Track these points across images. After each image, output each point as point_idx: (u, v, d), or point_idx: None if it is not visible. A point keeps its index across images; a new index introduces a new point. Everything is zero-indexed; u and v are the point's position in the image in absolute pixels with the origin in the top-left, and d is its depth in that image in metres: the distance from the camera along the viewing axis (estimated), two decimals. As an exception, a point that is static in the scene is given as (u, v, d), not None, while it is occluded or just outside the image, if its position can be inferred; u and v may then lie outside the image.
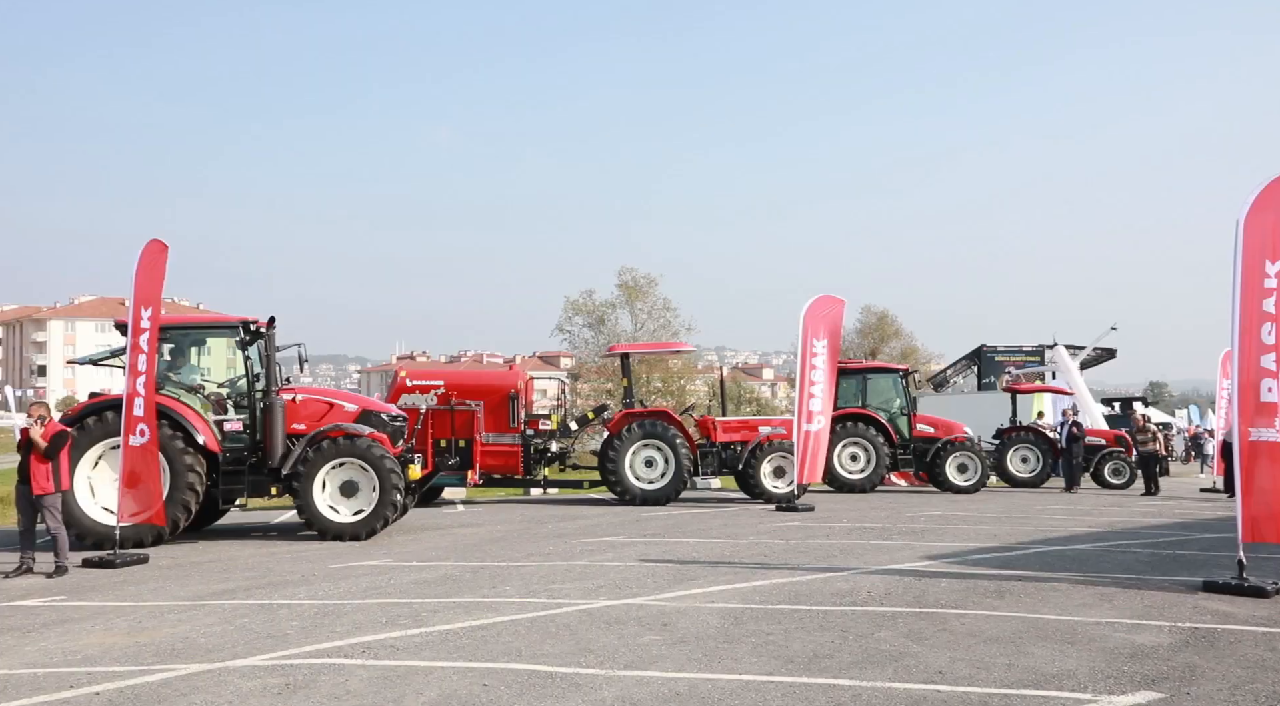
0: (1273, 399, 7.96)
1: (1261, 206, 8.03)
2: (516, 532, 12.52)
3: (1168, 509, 15.98)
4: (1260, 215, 8.01)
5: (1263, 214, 8.01)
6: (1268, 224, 8.00)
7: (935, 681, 5.20)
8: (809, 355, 15.52)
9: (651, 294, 37.44)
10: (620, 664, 5.60)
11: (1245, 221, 8.00)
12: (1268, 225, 8.00)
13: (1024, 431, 22.03)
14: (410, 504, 13.39)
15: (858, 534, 11.91)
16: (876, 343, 47.84)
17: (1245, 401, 8.00)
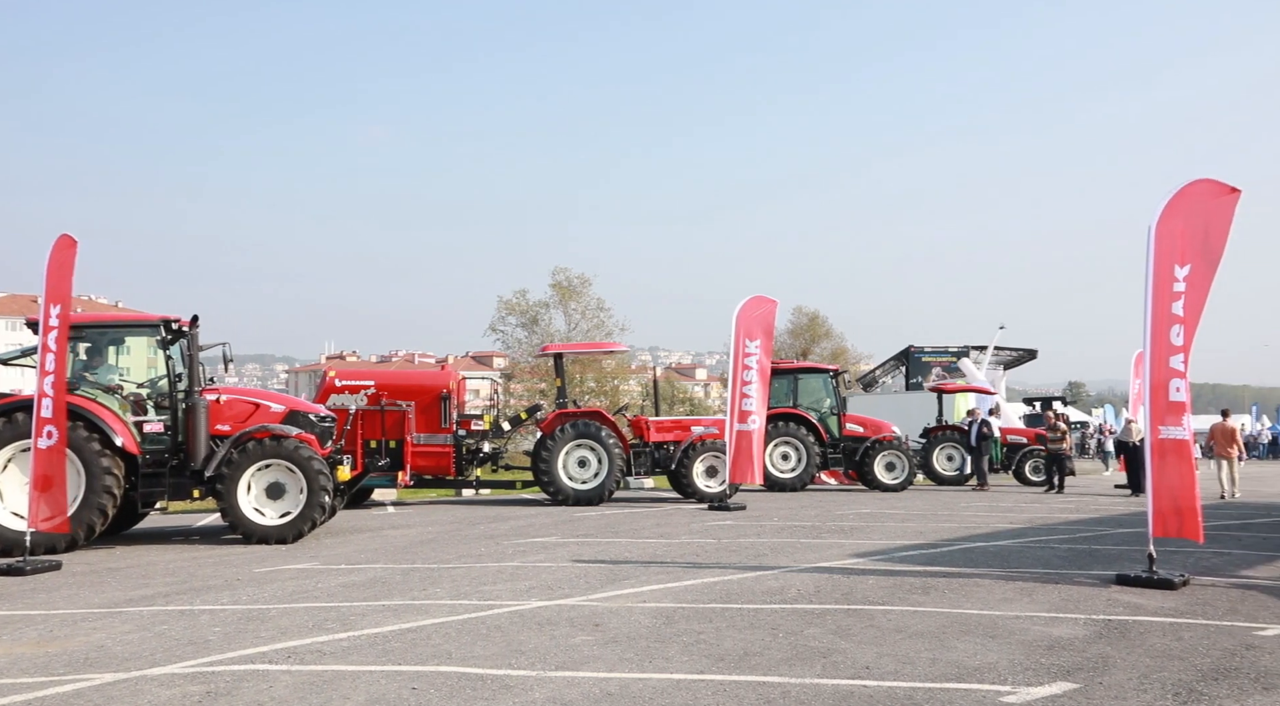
0: (1181, 398, 8.28)
1: (1171, 213, 8.34)
2: (448, 534, 12.40)
3: (1084, 505, 16.51)
4: (1170, 222, 8.32)
5: (1172, 220, 8.32)
6: (1176, 230, 8.32)
7: (862, 677, 5.29)
8: (742, 355, 15.66)
9: (585, 294, 37.40)
10: (551, 665, 5.58)
11: (1156, 227, 8.31)
12: (1176, 231, 8.32)
13: (949, 430, 22.55)
14: (339, 506, 13.16)
15: (788, 532, 12.05)
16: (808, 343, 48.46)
17: (1156, 401, 8.30)
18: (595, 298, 37.46)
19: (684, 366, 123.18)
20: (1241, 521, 13.57)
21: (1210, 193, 8.45)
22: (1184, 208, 8.39)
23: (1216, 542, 10.59)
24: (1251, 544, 10.95)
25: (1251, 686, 5.07)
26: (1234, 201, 8.45)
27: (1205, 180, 8.46)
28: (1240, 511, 15.21)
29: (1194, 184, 8.43)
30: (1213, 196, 8.46)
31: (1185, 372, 8.32)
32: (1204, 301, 8.38)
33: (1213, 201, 8.45)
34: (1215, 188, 8.45)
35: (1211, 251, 8.44)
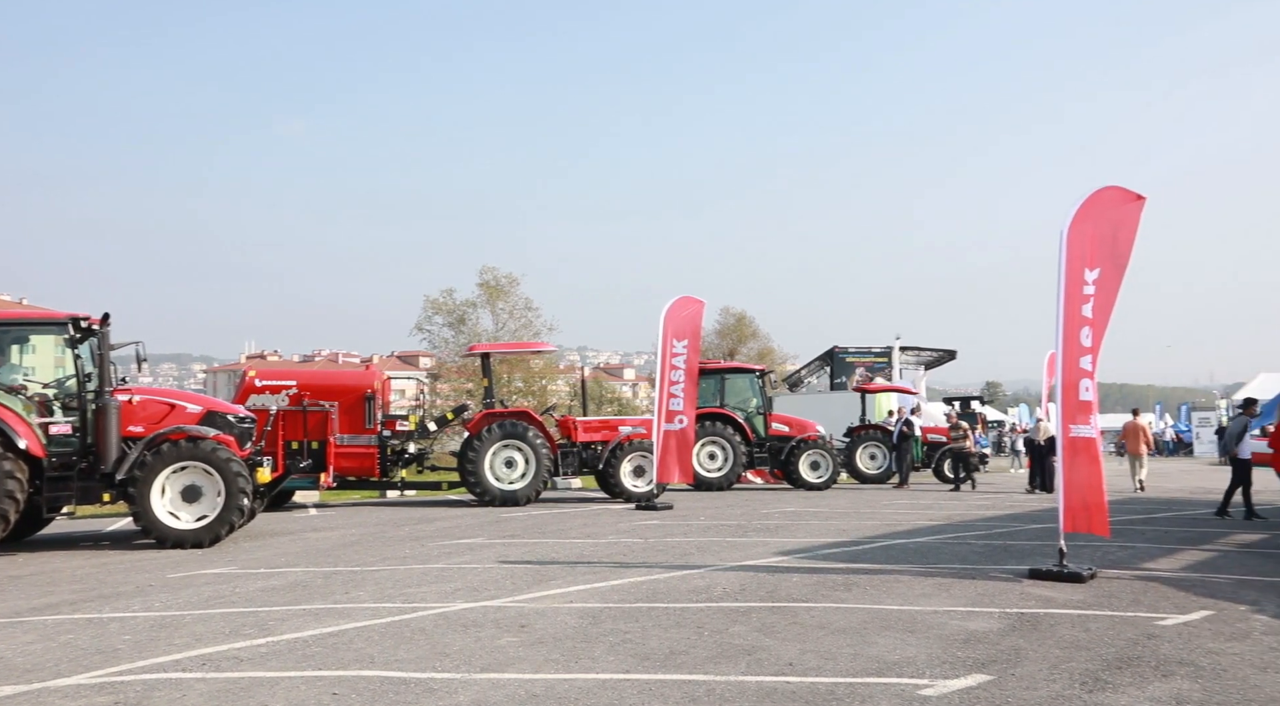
0: (1089, 397, 8.59)
1: (1082, 218, 8.64)
2: (371, 536, 12.19)
3: (999, 502, 16.99)
4: (1081, 226, 8.62)
5: (1083, 225, 8.62)
6: (1087, 235, 8.62)
7: (786, 673, 5.36)
8: (670, 355, 15.74)
9: (513, 293, 37.08)
10: (476, 667, 5.53)
11: (1067, 232, 8.59)
12: (1087, 236, 8.62)
13: (872, 430, 22.98)
14: (259, 508, 12.84)
15: (715, 531, 12.15)
16: (735, 343, 48.84)
17: (1067, 400, 8.59)
18: (523, 297, 37.20)
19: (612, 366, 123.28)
20: (1145, 516, 14.11)
21: (1117, 199, 8.77)
22: (1093, 213, 8.69)
23: (1122, 537, 11.00)
24: (1154, 538, 11.40)
25: (1152, 674, 5.29)
26: (1139, 208, 8.79)
27: (1113, 187, 8.78)
28: (1145, 506, 15.82)
29: (1102, 191, 8.74)
30: (1120, 203, 8.78)
31: (1094, 373, 8.62)
32: (1113, 304, 8.70)
33: (1120, 208, 8.78)
34: (1122, 195, 8.78)
35: (1119, 256, 8.76)
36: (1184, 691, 4.96)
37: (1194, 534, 11.84)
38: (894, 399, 26.49)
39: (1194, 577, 8.50)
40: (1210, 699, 4.84)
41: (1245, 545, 10.80)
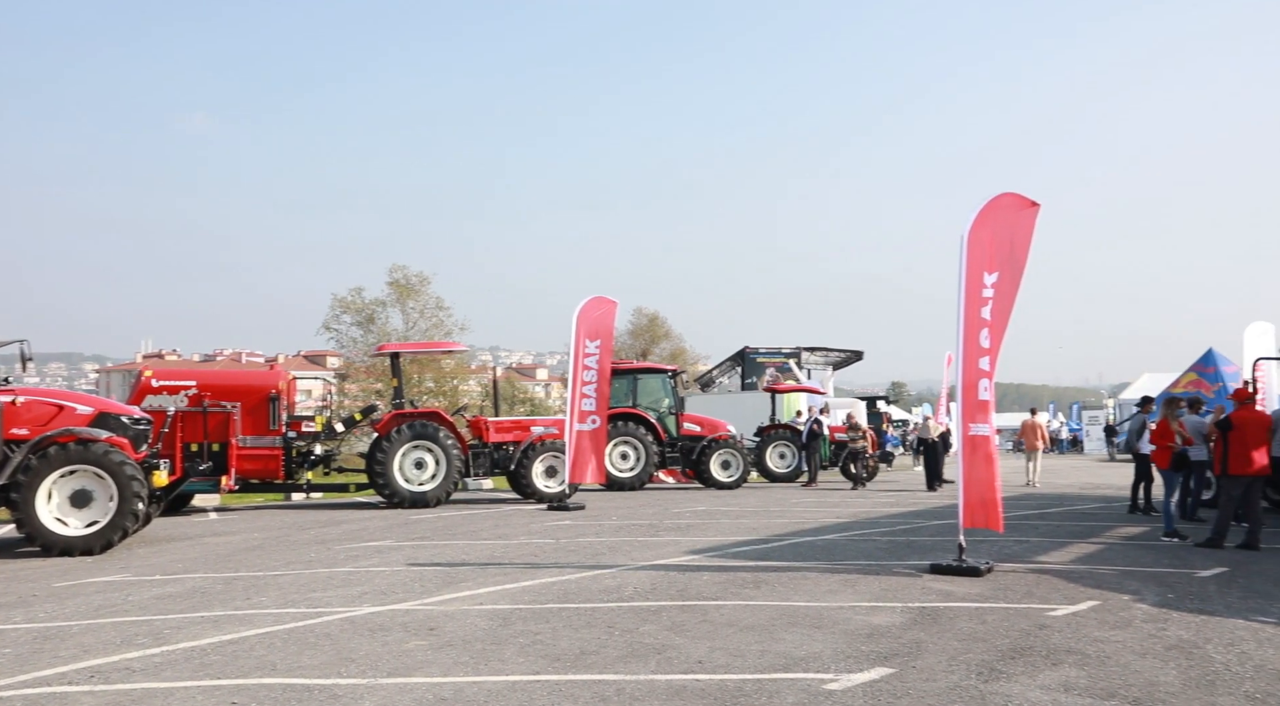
0: (987, 397, 8.89)
1: (982, 223, 8.94)
2: (275, 540, 11.86)
3: (903, 499, 17.46)
4: (980, 231, 8.91)
5: (982, 229, 8.92)
6: (985, 239, 8.92)
7: (695, 671, 5.42)
8: (582, 356, 15.72)
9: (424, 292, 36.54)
10: (383, 671, 5.44)
11: (968, 237, 8.88)
12: (985, 240, 8.92)
13: (782, 429, 23.36)
14: (155, 513, 12.38)
15: (626, 531, 12.19)
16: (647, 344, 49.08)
17: (967, 400, 8.88)
18: (434, 296, 36.69)
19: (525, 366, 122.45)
20: (1039, 511, 14.69)
21: (1014, 206, 9.11)
22: (992, 219, 9.00)
23: (1017, 531, 11.42)
24: (1047, 532, 11.88)
25: (1043, 662, 5.51)
26: (1034, 214, 9.14)
27: (1010, 194, 9.11)
28: (1038, 501, 16.46)
29: (1000, 197, 9.06)
30: (1016, 209, 9.12)
31: (993, 373, 8.93)
32: (1011, 307, 9.02)
33: (1016, 214, 9.11)
34: (1018, 201, 9.12)
35: (1016, 260, 9.09)
36: (1071, 678, 5.18)
37: (1083, 528, 12.37)
38: (803, 399, 26.96)
39: (1082, 569, 8.88)
40: (1095, 685, 5.07)
41: (1129, 538, 11.33)
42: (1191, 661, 5.52)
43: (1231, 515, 10.41)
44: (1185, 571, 8.70)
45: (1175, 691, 4.96)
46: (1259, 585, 8.00)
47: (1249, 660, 5.55)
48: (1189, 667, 5.39)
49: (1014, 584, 8.06)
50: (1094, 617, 6.69)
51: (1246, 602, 7.25)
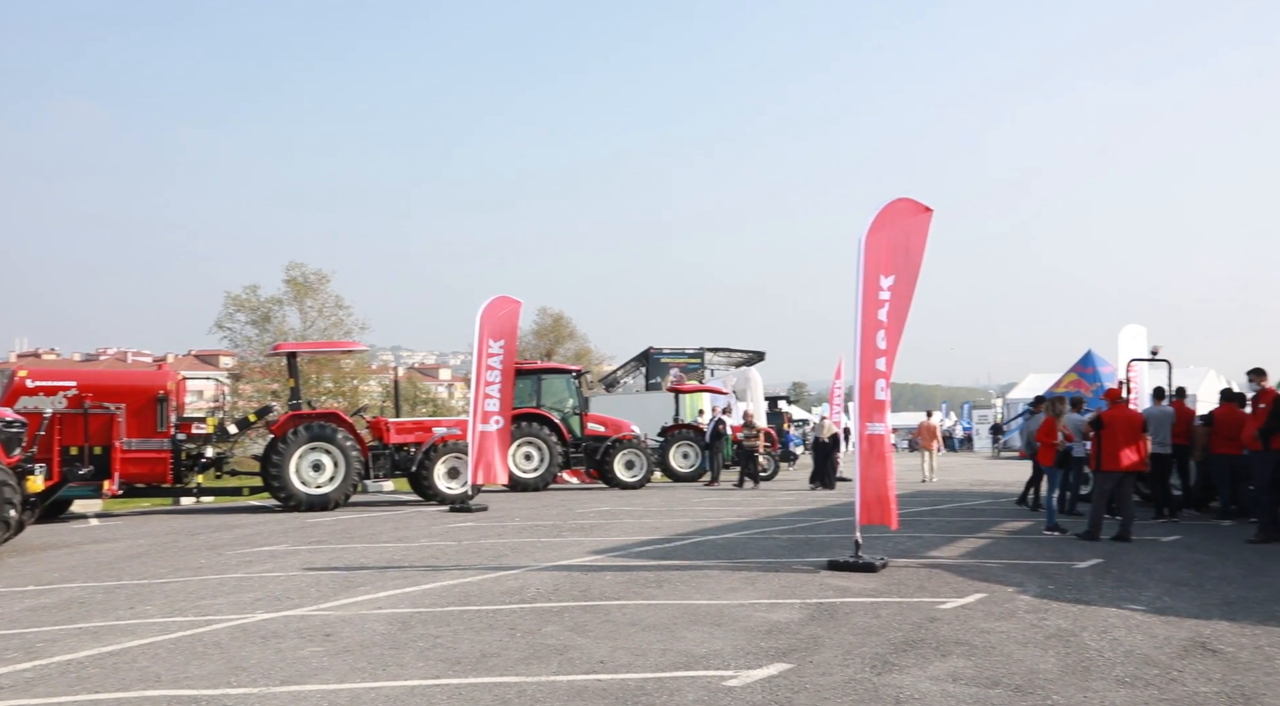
0: (884, 397, 9.15)
1: (878, 227, 9.19)
2: (162, 546, 11.40)
3: (803, 498, 17.82)
4: (877, 234, 9.16)
5: (879, 233, 9.17)
6: (882, 243, 9.18)
7: (597, 671, 5.42)
8: (486, 356, 15.58)
9: (323, 291, 35.62)
10: (276, 680, 5.28)
11: (865, 240, 9.12)
12: (882, 244, 9.18)
13: (685, 429, 23.57)
14: (29, 520, 11.75)
15: (529, 532, 12.13)
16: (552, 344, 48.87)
17: (864, 400, 9.11)
18: (333, 295, 35.82)
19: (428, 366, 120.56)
20: (931, 508, 15.19)
21: (909, 210, 9.39)
22: (888, 223, 9.26)
23: (911, 528, 11.78)
24: (938, 528, 12.29)
25: (933, 654, 5.70)
26: (928, 219, 9.44)
27: (905, 199, 9.39)
28: (931, 498, 17.02)
29: (895, 202, 9.33)
30: (911, 214, 9.41)
31: (889, 374, 9.18)
32: (907, 309, 9.30)
33: (911, 218, 9.40)
34: (913, 206, 9.41)
35: (912, 264, 9.39)
36: (959, 668, 5.38)
37: (972, 523, 12.84)
38: (706, 399, 27.25)
39: (971, 564, 9.22)
40: (981, 674, 5.27)
41: (1014, 532, 11.81)
42: (1069, 649, 5.79)
43: (1104, 509, 10.95)
44: (1064, 563, 9.12)
45: (1054, 678, 5.19)
46: (1130, 574, 8.44)
47: (1120, 646, 5.85)
48: (1066, 655, 5.65)
49: (907, 578, 8.31)
50: (981, 609, 6.95)
51: (1119, 591, 7.64)
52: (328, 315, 35.44)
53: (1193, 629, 6.30)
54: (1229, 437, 12.20)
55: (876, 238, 9.16)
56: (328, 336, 34.20)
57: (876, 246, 9.15)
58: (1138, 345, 20.56)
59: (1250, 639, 6.03)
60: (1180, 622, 6.50)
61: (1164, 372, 17.86)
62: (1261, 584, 8.00)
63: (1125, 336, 20.78)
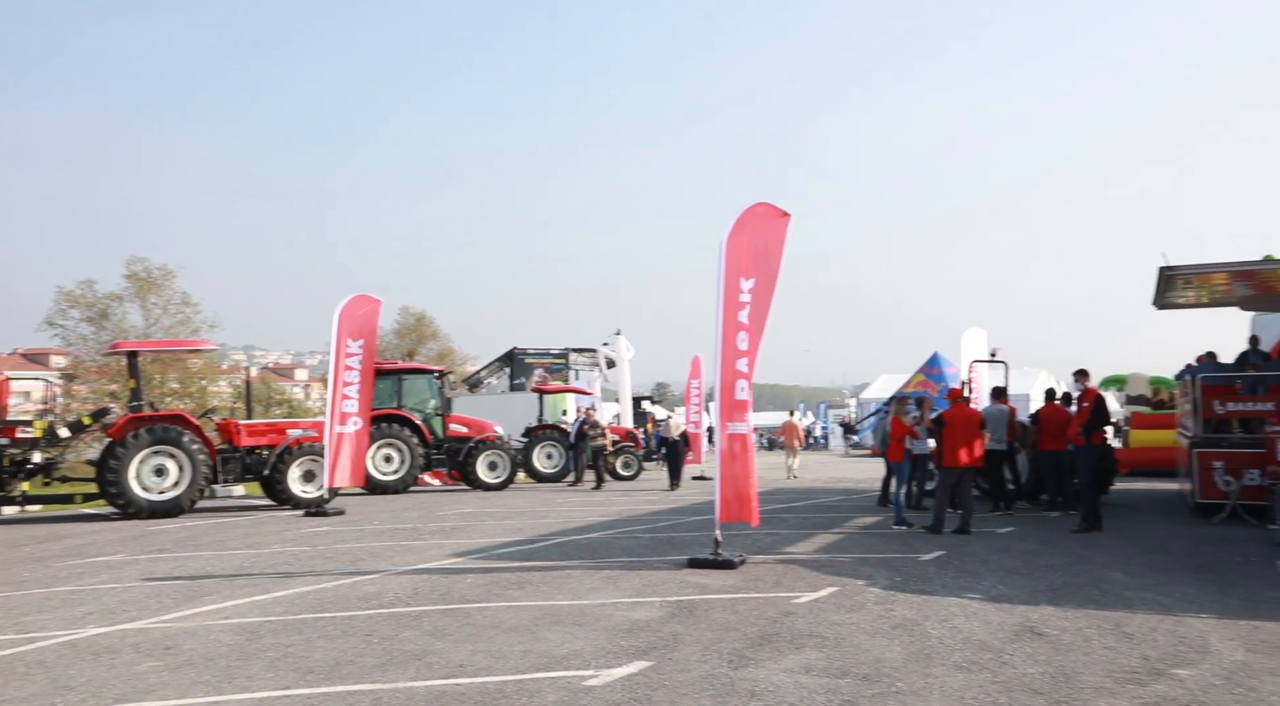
0: (745, 397, 9.37)
1: (738, 230, 9.41)
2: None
3: (666, 497, 18.06)
4: (737, 238, 9.38)
5: (739, 237, 9.39)
6: (742, 246, 9.40)
7: (456, 675, 5.35)
8: (344, 355, 15.14)
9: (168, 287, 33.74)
10: (108, 698, 4.98)
11: (726, 243, 9.32)
12: (742, 247, 9.40)
13: (549, 429, 23.50)
14: None
15: (388, 535, 11.85)
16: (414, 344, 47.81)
17: (725, 400, 9.31)
18: (180, 291, 34.00)
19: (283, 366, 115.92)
20: (788, 505, 15.65)
21: (768, 215, 9.66)
22: (748, 227, 9.50)
23: (769, 525, 12.09)
24: (795, 524, 12.68)
25: (787, 647, 5.88)
26: (786, 223, 9.74)
27: (763, 204, 9.66)
28: (789, 496, 17.54)
29: (755, 206, 9.58)
30: (769, 218, 9.68)
31: (750, 374, 9.42)
32: (767, 311, 9.56)
33: (770, 222, 9.67)
34: (771, 210, 9.68)
35: (771, 267, 9.66)
36: (812, 660, 5.57)
37: (826, 519, 13.31)
38: (571, 399, 27.25)
39: (825, 559, 9.55)
40: (832, 665, 5.48)
41: (865, 527, 12.31)
42: (913, 638, 6.08)
43: (947, 503, 11.54)
44: (911, 556, 9.56)
45: (899, 666, 5.44)
46: (970, 565, 8.93)
47: (959, 633, 6.19)
48: (910, 643, 5.94)
49: (764, 574, 8.54)
50: (833, 603, 7.22)
51: (959, 582, 8.07)
52: (173, 313, 33.62)
53: (1023, 615, 6.72)
54: (1055, 435, 13.07)
55: (737, 241, 9.37)
56: (173, 335, 32.46)
57: (737, 249, 9.36)
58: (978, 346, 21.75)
59: (1072, 622, 6.48)
60: (1012, 609, 6.92)
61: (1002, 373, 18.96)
62: (1083, 571, 8.61)
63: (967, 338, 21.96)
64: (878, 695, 4.90)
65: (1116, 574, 8.44)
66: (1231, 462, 12.61)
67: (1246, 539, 10.64)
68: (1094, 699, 4.79)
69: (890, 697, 4.86)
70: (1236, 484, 12.45)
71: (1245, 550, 9.81)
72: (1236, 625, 6.38)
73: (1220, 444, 12.94)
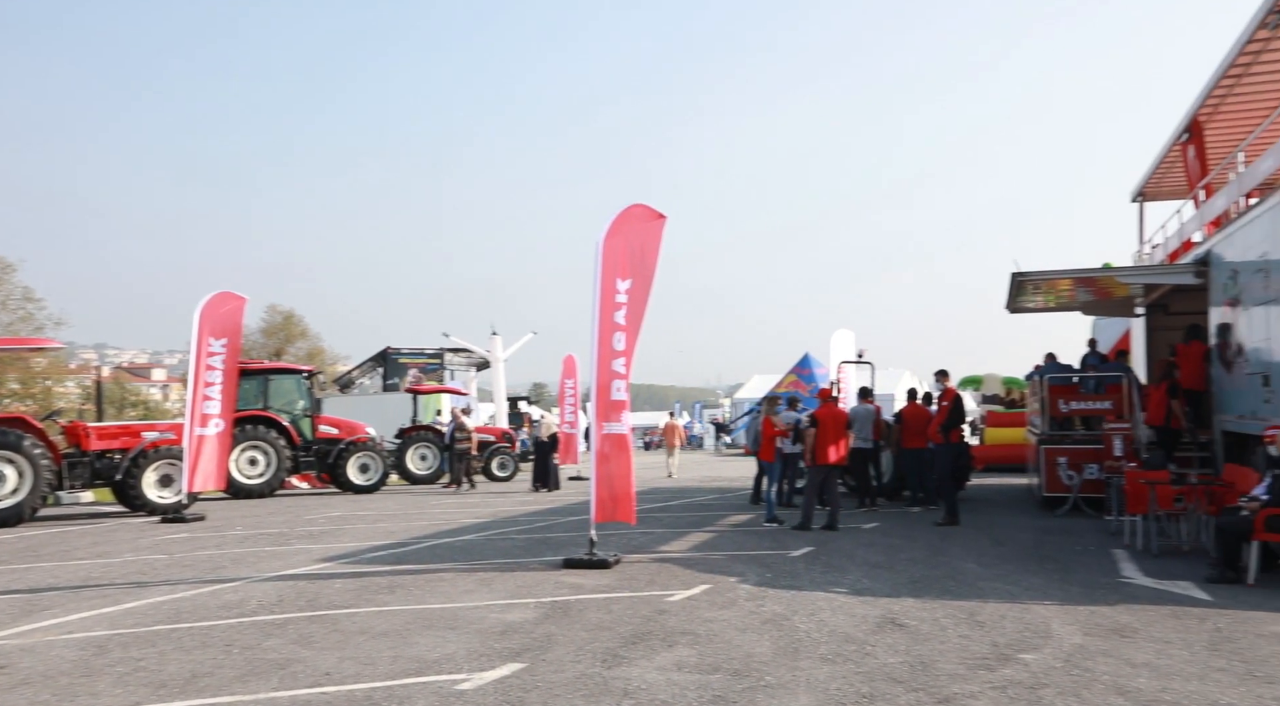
0: (622, 397, 9.43)
1: (615, 231, 9.46)
2: None
3: (542, 497, 17.99)
4: (614, 239, 9.43)
5: (616, 238, 9.44)
6: (619, 247, 9.46)
7: (322, 683, 5.20)
8: (205, 354, 14.50)
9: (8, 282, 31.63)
10: (-64, 723, 4.63)
11: (603, 244, 9.35)
12: (619, 249, 9.45)
13: (423, 430, 23.06)
14: None
15: (252, 541, 11.41)
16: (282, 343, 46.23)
17: (601, 400, 9.34)
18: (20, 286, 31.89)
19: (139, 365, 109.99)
20: (664, 504, 15.83)
21: (644, 216, 9.75)
22: (625, 228, 9.56)
23: (645, 524, 12.21)
24: (670, 523, 12.83)
25: (660, 645, 5.95)
26: (662, 225, 9.85)
27: (640, 205, 9.74)
28: (664, 495, 17.74)
29: (631, 208, 9.65)
30: (646, 220, 9.77)
31: (627, 375, 9.47)
32: (643, 312, 9.64)
33: (646, 224, 9.76)
34: (647, 212, 9.77)
35: (647, 268, 9.74)
36: (684, 658, 5.65)
37: (700, 518, 13.52)
38: (446, 400, 26.82)
39: (698, 557, 9.71)
40: (703, 661, 5.57)
41: (738, 525, 12.56)
42: (782, 632, 6.24)
43: (815, 500, 11.90)
44: (781, 552, 9.81)
45: (768, 660, 5.57)
46: (836, 560, 9.23)
47: (825, 626, 6.39)
48: (779, 638, 6.09)
49: (639, 573, 8.61)
50: (706, 600, 7.34)
51: (826, 576, 8.34)
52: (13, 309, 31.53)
53: (885, 607, 7.00)
54: (917, 433, 13.65)
55: (614, 242, 9.42)
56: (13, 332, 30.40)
57: (614, 250, 9.41)
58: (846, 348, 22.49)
59: (930, 612, 6.78)
60: (875, 602, 7.19)
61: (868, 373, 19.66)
62: (941, 563, 9.02)
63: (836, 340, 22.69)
64: (747, 689, 5.01)
65: (971, 565, 8.87)
66: (1074, 458, 13.46)
67: (1086, 529, 11.37)
68: (948, 685, 5.03)
69: (759, 691, 4.97)
70: (1078, 478, 13.29)
71: (1085, 540, 10.48)
72: (1076, 610, 6.81)
73: (1064, 440, 13.78)
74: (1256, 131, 12.86)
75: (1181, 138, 15.51)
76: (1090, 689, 4.92)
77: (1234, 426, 11.19)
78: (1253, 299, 10.56)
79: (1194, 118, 14.69)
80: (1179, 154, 16.04)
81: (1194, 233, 14.88)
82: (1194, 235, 14.88)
